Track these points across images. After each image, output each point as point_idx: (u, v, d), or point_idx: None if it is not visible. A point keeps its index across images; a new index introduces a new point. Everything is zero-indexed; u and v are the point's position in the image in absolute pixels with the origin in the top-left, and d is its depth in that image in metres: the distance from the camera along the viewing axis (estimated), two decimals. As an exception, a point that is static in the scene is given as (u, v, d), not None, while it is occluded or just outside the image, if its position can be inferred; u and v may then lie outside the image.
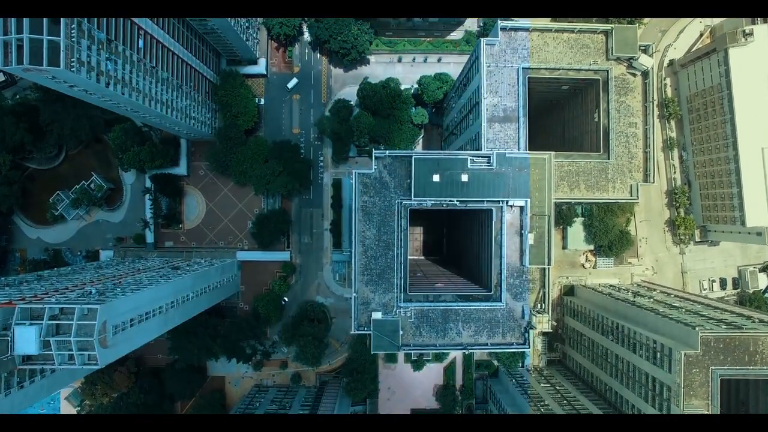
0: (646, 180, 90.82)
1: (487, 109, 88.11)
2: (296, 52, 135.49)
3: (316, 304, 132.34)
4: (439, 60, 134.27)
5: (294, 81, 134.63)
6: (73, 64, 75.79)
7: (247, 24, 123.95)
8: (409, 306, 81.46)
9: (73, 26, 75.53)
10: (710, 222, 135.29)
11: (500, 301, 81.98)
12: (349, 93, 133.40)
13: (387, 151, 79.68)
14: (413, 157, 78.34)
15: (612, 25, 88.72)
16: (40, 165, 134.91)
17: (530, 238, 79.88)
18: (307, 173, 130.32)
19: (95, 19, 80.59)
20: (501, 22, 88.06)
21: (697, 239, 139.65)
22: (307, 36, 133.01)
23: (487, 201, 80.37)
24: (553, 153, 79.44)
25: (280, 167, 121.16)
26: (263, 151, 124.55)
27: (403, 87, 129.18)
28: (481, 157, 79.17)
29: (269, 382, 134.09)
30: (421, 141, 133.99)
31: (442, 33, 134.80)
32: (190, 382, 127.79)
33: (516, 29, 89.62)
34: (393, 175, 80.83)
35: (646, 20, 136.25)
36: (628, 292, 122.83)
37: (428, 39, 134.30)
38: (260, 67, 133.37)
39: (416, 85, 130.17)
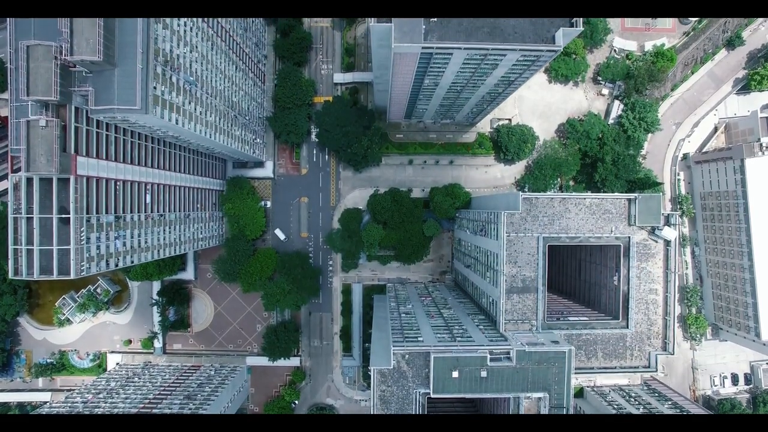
0: (665, 348, 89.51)
1: (506, 280, 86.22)
2: (304, 153, 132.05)
3: (326, 408, 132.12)
4: (451, 162, 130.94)
5: (282, 235, 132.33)
6: (83, 266, 73.75)
7: (254, 136, 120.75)
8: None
9: (82, 228, 73.31)
10: (722, 322, 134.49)
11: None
12: (359, 197, 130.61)
13: (405, 350, 78.11)
14: (432, 354, 76.90)
15: (636, 194, 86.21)
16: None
17: None
18: (317, 284, 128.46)
19: (104, 206, 78.32)
20: (522, 194, 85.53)
21: (709, 336, 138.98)
22: (314, 137, 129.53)
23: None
24: (573, 348, 78.03)
25: (288, 285, 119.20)
26: (271, 263, 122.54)
27: (413, 195, 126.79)
28: (501, 352, 77.78)
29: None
30: (431, 246, 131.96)
31: (453, 135, 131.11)
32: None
33: (538, 197, 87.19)
34: (411, 365, 79.55)
35: (661, 112, 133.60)
36: (640, 405, 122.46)
37: (440, 142, 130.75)
38: (267, 170, 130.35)
39: (427, 190, 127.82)
